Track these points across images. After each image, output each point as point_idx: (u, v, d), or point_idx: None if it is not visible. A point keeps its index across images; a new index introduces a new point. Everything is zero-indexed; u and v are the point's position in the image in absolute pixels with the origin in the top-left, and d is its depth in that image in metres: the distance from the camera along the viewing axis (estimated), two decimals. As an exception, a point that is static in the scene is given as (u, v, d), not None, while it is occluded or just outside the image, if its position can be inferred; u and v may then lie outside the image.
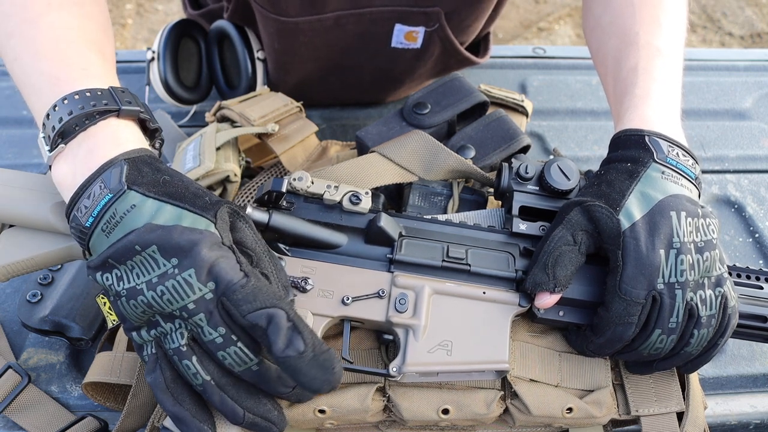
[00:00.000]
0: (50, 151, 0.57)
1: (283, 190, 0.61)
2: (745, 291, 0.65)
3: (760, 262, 0.91)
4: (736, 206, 0.98)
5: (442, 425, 0.62)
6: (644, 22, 0.72)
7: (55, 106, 0.57)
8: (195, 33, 1.01)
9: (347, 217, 0.62)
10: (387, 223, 0.61)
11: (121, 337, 0.69)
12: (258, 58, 0.97)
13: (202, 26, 1.02)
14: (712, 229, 0.59)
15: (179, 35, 0.98)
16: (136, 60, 1.15)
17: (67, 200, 0.56)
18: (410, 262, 0.61)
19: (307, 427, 0.62)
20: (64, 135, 0.56)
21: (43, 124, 0.57)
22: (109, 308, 0.57)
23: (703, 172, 1.02)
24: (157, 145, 0.63)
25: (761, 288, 0.65)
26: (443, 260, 0.61)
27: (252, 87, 0.97)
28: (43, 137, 0.58)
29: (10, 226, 0.62)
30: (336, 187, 0.62)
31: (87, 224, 0.53)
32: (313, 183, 0.62)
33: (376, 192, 0.65)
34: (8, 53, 0.62)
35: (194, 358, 0.52)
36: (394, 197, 0.75)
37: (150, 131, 0.62)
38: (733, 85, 1.18)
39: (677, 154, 0.62)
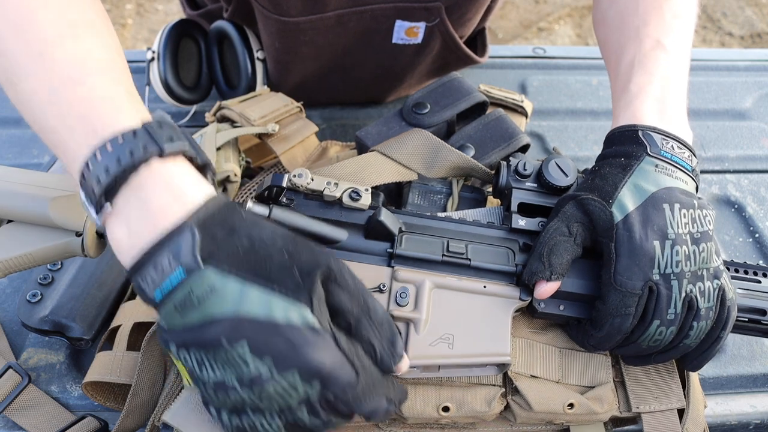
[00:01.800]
0: (97, 212, 0.49)
1: (284, 185, 0.61)
2: (744, 285, 0.65)
3: (760, 262, 0.91)
4: (736, 206, 0.98)
5: (443, 423, 0.62)
6: (647, 15, 0.71)
7: (88, 164, 0.48)
8: (195, 33, 1.01)
9: (347, 214, 0.62)
10: (387, 217, 0.61)
11: (122, 337, 0.69)
12: (258, 58, 0.97)
13: (202, 26, 1.02)
14: (709, 221, 0.59)
15: (179, 35, 0.99)
16: (136, 60, 1.14)
17: (126, 265, 0.49)
18: (410, 256, 0.61)
19: (307, 426, 0.62)
20: (107, 194, 0.48)
21: (81, 183, 0.49)
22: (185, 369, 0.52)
23: (703, 172, 1.02)
24: (209, 180, 0.53)
25: (759, 282, 0.65)
26: (443, 255, 0.61)
27: (252, 87, 0.98)
28: (86, 198, 0.50)
29: (9, 221, 0.62)
30: (336, 183, 0.62)
31: (156, 298, 0.47)
32: (313, 180, 0.62)
33: (375, 191, 0.65)
34: (21, 93, 0.53)
35: None
36: (393, 196, 0.75)
37: (200, 167, 0.52)
38: (733, 85, 1.18)
39: (672, 146, 0.62)
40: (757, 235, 0.94)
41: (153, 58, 0.97)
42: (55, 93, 0.51)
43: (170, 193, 0.48)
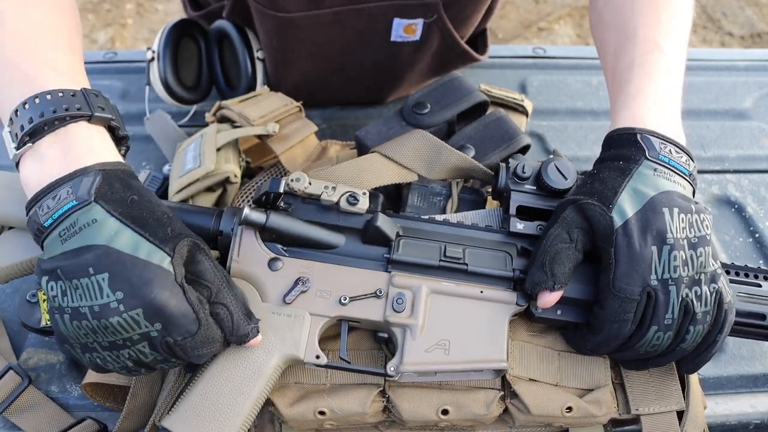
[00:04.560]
0: (17, 148, 0.56)
1: (281, 190, 0.61)
2: (744, 289, 0.65)
3: (760, 262, 0.91)
4: (736, 206, 0.98)
5: (442, 425, 0.62)
6: (643, 16, 0.71)
7: (26, 103, 0.56)
8: (195, 33, 1.01)
9: (344, 218, 0.62)
10: (384, 222, 0.61)
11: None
12: (258, 58, 0.97)
13: (202, 26, 1.02)
14: (706, 225, 0.59)
15: (179, 35, 0.98)
16: (136, 60, 1.14)
17: (29, 195, 0.55)
18: (408, 261, 0.61)
19: (306, 428, 0.62)
20: (32, 135, 0.55)
21: (10, 120, 0.56)
22: (46, 308, 0.57)
23: (703, 172, 1.02)
24: (122, 152, 0.62)
25: (759, 286, 0.65)
26: (440, 260, 0.61)
27: (252, 87, 0.97)
28: (9, 132, 0.57)
29: (10, 228, 0.62)
30: (333, 187, 0.62)
31: (45, 224, 0.53)
32: (310, 184, 0.62)
33: (374, 192, 0.65)
34: None
35: (143, 369, 0.55)
36: (392, 197, 0.75)
37: (118, 138, 0.61)
38: (733, 85, 1.18)
39: (670, 151, 0.62)
40: (757, 235, 0.94)
41: (153, 58, 0.97)
42: (4, 46, 0.58)
43: (88, 148, 0.56)
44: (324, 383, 0.62)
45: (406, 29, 0.92)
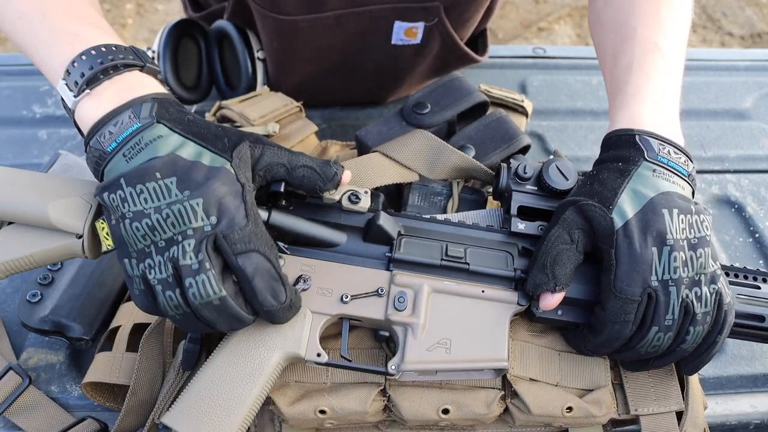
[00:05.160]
0: (75, 96, 0.59)
1: (281, 189, 0.61)
2: (743, 291, 0.65)
3: (761, 262, 0.91)
4: (736, 206, 0.98)
5: (442, 425, 0.62)
6: (642, 17, 0.71)
7: (83, 54, 0.60)
8: (195, 33, 1.01)
9: (346, 216, 0.62)
10: (386, 221, 0.61)
11: (121, 337, 0.69)
12: (258, 58, 0.97)
13: (202, 26, 1.02)
14: (706, 226, 0.59)
15: (179, 35, 0.98)
16: (136, 60, 1.14)
17: (87, 128, 0.59)
18: (409, 260, 0.61)
19: (306, 427, 0.62)
20: (89, 82, 0.59)
21: (67, 71, 0.60)
22: (107, 234, 0.59)
23: (704, 172, 1.03)
24: None
25: (758, 288, 0.65)
26: (442, 259, 0.61)
27: (252, 87, 0.97)
28: (66, 84, 0.60)
29: (10, 223, 0.62)
30: None
31: (109, 149, 0.56)
32: None
33: (375, 192, 0.65)
34: (8, 14, 0.64)
35: (177, 290, 0.53)
36: (393, 197, 0.75)
37: None
38: (733, 85, 1.18)
39: (669, 151, 0.62)
40: (757, 235, 0.94)
41: (153, 58, 0.97)
42: (46, 11, 0.63)
43: (141, 84, 0.60)
44: (325, 382, 0.62)
45: (407, 32, 0.92)
